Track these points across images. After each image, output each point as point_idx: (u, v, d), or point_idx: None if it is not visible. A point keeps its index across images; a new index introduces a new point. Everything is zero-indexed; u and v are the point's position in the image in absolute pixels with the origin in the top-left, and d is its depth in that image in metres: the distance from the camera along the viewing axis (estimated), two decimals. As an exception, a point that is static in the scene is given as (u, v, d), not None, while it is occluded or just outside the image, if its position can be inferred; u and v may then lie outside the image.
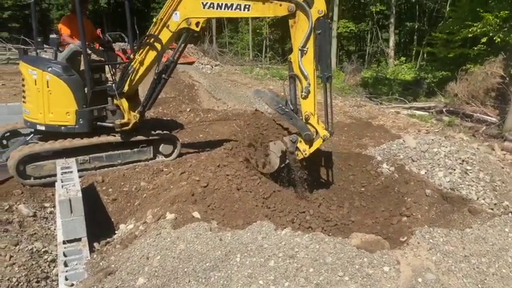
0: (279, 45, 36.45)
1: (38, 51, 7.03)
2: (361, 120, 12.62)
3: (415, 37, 30.99)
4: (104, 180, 6.54)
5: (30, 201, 6.07)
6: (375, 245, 3.80)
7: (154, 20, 6.26)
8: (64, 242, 4.71)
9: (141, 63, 6.53)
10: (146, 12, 41.84)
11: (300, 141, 5.58)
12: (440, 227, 4.16)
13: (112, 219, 5.85)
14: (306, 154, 5.59)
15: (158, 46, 6.30)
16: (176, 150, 7.64)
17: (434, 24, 28.51)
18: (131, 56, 6.63)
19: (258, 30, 33.33)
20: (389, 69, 25.44)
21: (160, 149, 7.47)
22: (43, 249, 5.03)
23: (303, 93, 5.51)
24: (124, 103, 6.78)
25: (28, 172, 6.39)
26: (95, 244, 4.96)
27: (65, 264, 4.40)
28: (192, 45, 28.35)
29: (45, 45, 7.25)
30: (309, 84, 5.46)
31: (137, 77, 6.67)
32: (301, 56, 5.42)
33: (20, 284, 4.47)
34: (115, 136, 6.94)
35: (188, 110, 11.96)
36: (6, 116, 8.49)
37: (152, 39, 6.30)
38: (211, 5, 5.74)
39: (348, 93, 19.28)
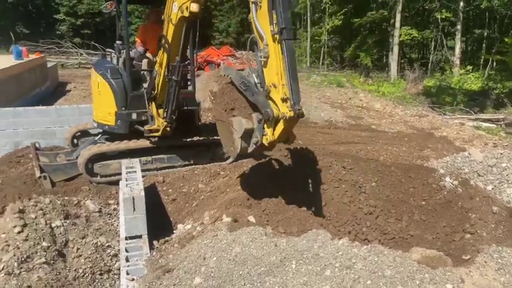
0: (337, 52, 36.02)
1: (113, 55, 7.48)
2: (423, 131, 12.17)
3: (484, 45, 29.34)
4: (164, 180, 6.80)
5: (96, 197, 6.47)
6: (437, 261, 3.63)
7: (162, 17, 6.16)
8: (126, 238, 4.94)
9: (160, 65, 6.45)
10: (207, 20, 42.98)
11: (266, 122, 4.41)
12: (509, 247, 3.90)
13: (171, 219, 6.05)
14: (268, 139, 4.42)
15: (167, 45, 6.12)
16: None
17: (506, 31, 26.83)
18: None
19: (316, 37, 33.14)
20: (453, 78, 24.22)
21: (217, 152, 7.62)
22: (107, 244, 5.33)
23: (262, 59, 4.37)
24: (153, 109, 6.76)
25: (96, 170, 6.79)
26: (155, 242, 5.15)
27: (127, 260, 4.61)
28: (251, 52, 28.78)
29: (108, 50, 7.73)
30: (267, 45, 4.34)
31: (161, 79, 6.53)
32: (256, 11, 4.41)
33: (85, 275, 4.76)
34: (176, 139, 7.14)
35: (245, 115, 12.11)
36: (77, 116, 9.10)
37: (163, 40, 6.19)
38: None
39: (409, 102, 18.63)
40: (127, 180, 5.58)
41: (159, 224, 5.76)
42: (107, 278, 4.92)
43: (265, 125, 4.45)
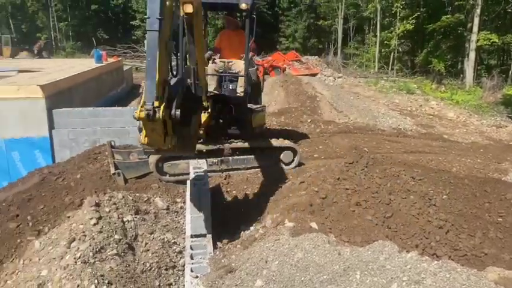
0: (408, 57, 34.67)
1: None
2: (501, 142, 11.36)
3: None
4: (229, 182, 6.94)
5: (164, 195, 6.73)
6: (517, 284, 3.36)
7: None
8: (191, 236, 5.10)
9: None
10: (274, 25, 43.38)
11: None
12: None
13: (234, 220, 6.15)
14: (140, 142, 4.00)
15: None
16: (295, 160, 7.75)
17: None
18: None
19: (385, 42, 32.12)
20: (538, 86, 22.38)
21: (281, 157, 7.65)
22: (173, 241, 5.52)
23: None
24: None
25: (165, 169, 7.09)
26: (218, 242, 5.27)
27: (191, 257, 4.76)
28: (316, 56, 28.61)
29: None
30: None
31: None
32: None
33: (152, 269, 4.97)
34: (243, 142, 7.27)
35: (309, 120, 12.05)
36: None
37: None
38: None
39: (485, 112, 17.47)
40: (194, 180, 5.76)
41: (222, 224, 5.88)
42: (172, 273, 5.09)
43: None
